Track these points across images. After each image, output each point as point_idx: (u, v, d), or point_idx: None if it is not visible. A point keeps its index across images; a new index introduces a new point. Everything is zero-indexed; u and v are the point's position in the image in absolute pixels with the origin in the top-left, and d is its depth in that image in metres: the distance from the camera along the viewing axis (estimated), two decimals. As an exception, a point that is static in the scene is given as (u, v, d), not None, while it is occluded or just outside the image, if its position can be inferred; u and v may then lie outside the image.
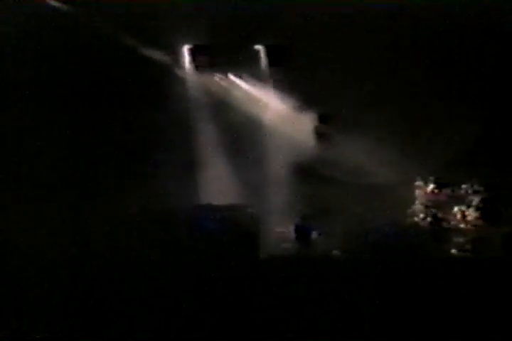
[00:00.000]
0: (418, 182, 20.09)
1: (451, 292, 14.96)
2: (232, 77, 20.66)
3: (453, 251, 18.79)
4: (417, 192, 20.03)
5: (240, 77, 20.62)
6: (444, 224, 19.61)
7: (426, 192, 19.97)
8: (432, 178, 19.99)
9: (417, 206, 19.93)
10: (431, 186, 19.95)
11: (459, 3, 18.76)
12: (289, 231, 19.69)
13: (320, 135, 20.29)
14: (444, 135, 19.49)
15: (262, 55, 20.50)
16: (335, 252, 19.05)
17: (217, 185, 19.94)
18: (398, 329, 12.90)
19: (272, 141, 20.17)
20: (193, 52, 20.72)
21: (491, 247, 18.45)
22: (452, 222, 19.59)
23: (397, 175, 19.71)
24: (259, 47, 20.50)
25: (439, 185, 19.87)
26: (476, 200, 19.48)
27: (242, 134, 19.88)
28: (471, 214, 19.45)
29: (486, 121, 19.24)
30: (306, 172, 20.04)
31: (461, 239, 19.04)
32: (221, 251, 18.02)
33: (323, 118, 20.47)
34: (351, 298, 14.55)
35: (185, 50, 20.73)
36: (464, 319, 13.15)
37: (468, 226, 19.37)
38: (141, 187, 19.28)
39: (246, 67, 20.33)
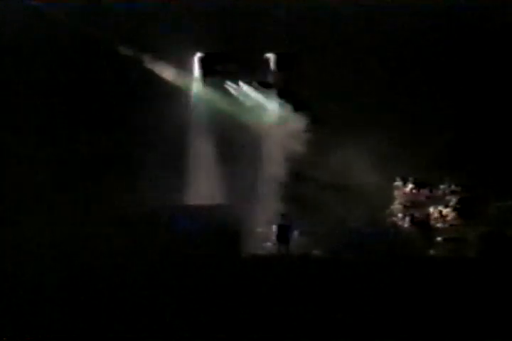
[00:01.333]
0: (397, 183, 20.24)
1: (429, 290, 14.97)
2: (242, 84, 20.72)
3: (431, 250, 19.01)
4: (396, 192, 20.19)
5: (250, 85, 20.70)
6: (422, 224, 19.74)
7: (405, 193, 20.13)
8: (410, 179, 20.13)
9: (396, 206, 20.08)
10: (409, 186, 20.10)
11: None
12: (271, 230, 19.72)
13: (307, 137, 20.38)
14: (423, 137, 19.71)
15: (272, 63, 20.54)
16: (315, 251, 19.17)
17: (201, 185, 20.03)
18: (377, 328, 12.82)
19: (260, 142, 20.34)
20: (203, 61, 20.74)
21: (468, 246, 18.65)
22: (430, 222, 19.74)
23: (376, 176, 19.76)
24: (269, 55, 20.55)
25: (418, 186, 20.00)
26: (453, 200, 19.60)
27: (235, 138, 19.95)
28: (449, 213, 19.57)
29: (462, 124, 19.47)
30: (289, 174, 20.19)
31: (438, 239, 19.23)
32: (203, 251, 18.07)
33: (312, 121, 20.64)
34: (331, 297, 14.52)
35: (196, 58, 20.78)
36: (443, 317, 13.09)
37: (446, 225, 19.51)
38: (125, 187, 19.37)
39: (256, 75, 20.46)
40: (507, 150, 19.33)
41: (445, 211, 19.63)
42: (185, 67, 20.53)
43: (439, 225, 19.62)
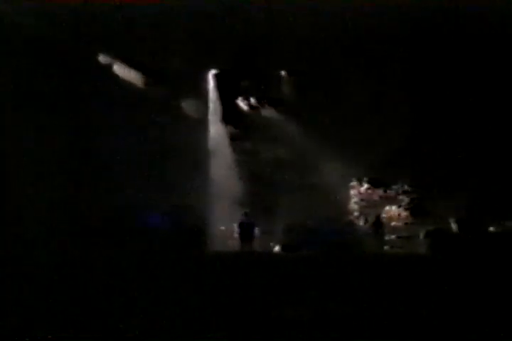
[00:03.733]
0: (353, 183, 20.87)
1: (384, 285, 15.28)
2: (254, 101, 20.74)
3: (385, 247, 19.79)
4: (352, 191, 20.80)
5: (263, 102, 20.74)
6: (377, 222, 20.40)
7: (360, 192, 20.77)
8: (365, 179, 20.77)
9: (352, 205, 20.76)
10: (364, 186, 20.76)
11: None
12: (233, 228, 20.28)
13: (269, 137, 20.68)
14: (377, 138, 20.09)
15: (285, 80, 20.47)
16: (276, 249, 19.85)
17: (165, 183, 20.11)
18: (336, 323, 13.10)
19: (226, 142, 20.65)
20: (218, 78, 20.60)
21: (419, 244, 19.36)
22: (384, 220, 20.42)
23: (334, 176, 20.35)
24: (282, 72, 20.54)
25: (372, 186, 20.70)
26: (405, 200, 20.37)
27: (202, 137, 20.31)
28: (401, 213, 20.35)
29: (416, 125, 19.95)
30: (250, 172, 20.61)
31: (392, 237, 20.00)
32: (166, 248, 18.22)
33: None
34: (291, 294, 14.72)
35: (211, 75, 20.70)
36: (397, 314, 13.45)
37: (399, 224, 20.28)
38: (91, 185, 19.60)
39: (269, 92, 20.52)
40: (458, 151, 19.73)
41: (398, 210, 20.39)
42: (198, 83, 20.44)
43: (392, 224, 20.36)
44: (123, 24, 19.52)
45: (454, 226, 19.60)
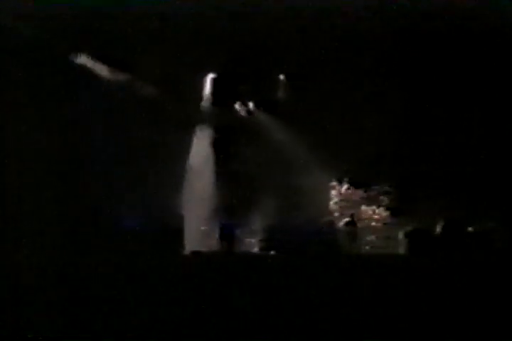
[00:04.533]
0: (333, 183, 20.58)
1: (363, 285, 15.60)
2: (252, 106, 20.43)
3: (365, 247, 19.61)
4: (333, 192, 20.54)
5: (260, 107, 20.43)
6: (357, 223, 20.22)
7: (340, 193, 20.51)
8: (346, 179, 20.49)
9: (333, 205, 20.48)
10: (345, 186, 20.50)
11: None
12: (214, 229, 19.97)
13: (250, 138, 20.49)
14: (358, 138, 19.96)
15: (283, 84, 20.16)
16: (256, 249, 19.64)
17: (144, 184, 19.91)
18: (314, 324, 13.41)
19: (207, 142, 20.38)
20: (215, 82, 20.22)
21: (398, 244, 19.23)
22: (365, 221, 20.22)
23: (315, 176, 20.15)
24: (281, 76, 20.24)
25: (353, 186, 20.43)
26: (385, 200, 20.10)
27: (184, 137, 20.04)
28: (381, 213, 20.09)
29: (396, 126, 19.82)
30: (231, 173, 20.36)
31: (372, 237, 19.79)
32: (145, 250, 18.14)
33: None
34: (271, 294, 14.91)
35: (209, 79, 20.34)
36: (375, 313, 13.73)
37: (379, 224, 20.03)
38: (70, 184, 19.31)
39: (267, 96, 20.25)
40: (438, 152, 19.69)
41: (378, 210, 20.14)
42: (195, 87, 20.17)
43: (372, 224, 20.11)
44: (117, 25, 19.48)
45: (434, 226, 19.48)
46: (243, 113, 20.38)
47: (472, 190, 19.48)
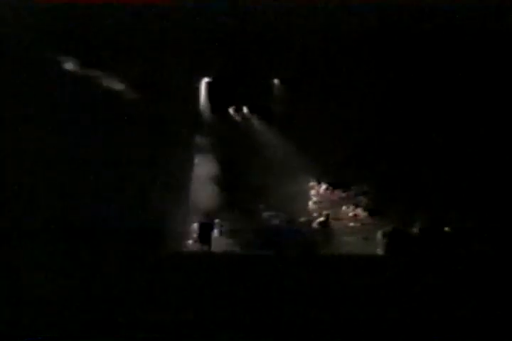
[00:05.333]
0: (312, 183, 20.59)
1: (341, 286, 15.40)
2: (246, 111, 20.33)
3: (343, 247, 19.51)
4: (311, 192, 20.56)
5: (253, 111, 20.37)
6: (336, 223, 20.25)
7: (319, 192, 20.53)
8: (325, 179, 20.51)
9: (311, 205, 20.51)
10: (323, 186, 20.51)
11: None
12: (192, 228, 20.03)
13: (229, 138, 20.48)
14: (337, 138, 19.98)
15: (277, 88, 20.10)
16: (235, 249, 19.67)
17: (122, 183, 19.94)
18: (293, 324, 13.11)
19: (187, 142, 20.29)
20: (210, 86, 20.12)
21: (376, 244, 19.32)
22: (343, 221, 20.25)
23: (294, 175, 20.18)
24: (275, 80, 20.14)
25: (332, 186, 20.46)
26: (364, 200, 20.17)
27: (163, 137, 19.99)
28: (360, 213, 20.15)
29: (373, 126, 19.95)
30: (209, 173, 20.38)
31: (351, 238, 19.78)
32: (123, 249, 18.10)
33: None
34: (249, 294, 14.81)
35: (203, 83, 20.24)
36: (351, 314, 13.48)
37: (358, 225, 20.06)
38: (47, 184, 19.39)
39: (261, 100, 20.20)
40: (416, 153, 19.77)
41: (357, 211, 20.20)
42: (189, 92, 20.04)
43: (351, 224, 20.16)
44: (109, 28, 19.43)
45: (412, 226, 19.58)
46: (237, 118, 20.41)
47: (449, 190, 19.62)
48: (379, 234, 19.55)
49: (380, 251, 19.26)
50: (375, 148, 19.89)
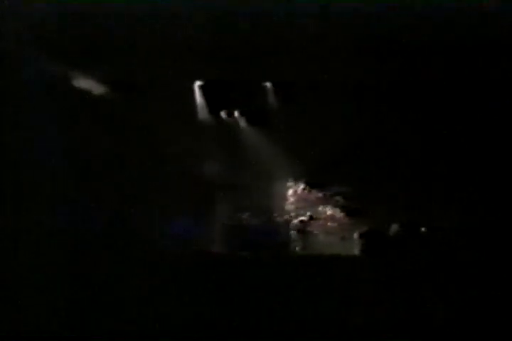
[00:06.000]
0: (290, 183, 20.32)
1: (319, 287, 15.85)
2: (237, 115, 19.92)
3: (321, 248, 19.30)
4: (289, 192, 20.29)
5: (246, 115, 19.92)
6: (313, 224, 20.00)
7: (296, 193, 20.28)
8: (303, 179, 20.20)
9: (289, 206, 20.23)
10: (301, 187, 20.25)
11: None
12: (170, 229, 19.51)
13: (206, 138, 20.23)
14: (317, 138, 19.81)
15: (270, 92, 19.60)
16: (212, 249, 19.26)
17: (102, 186, 19.69)
18: (271, 325, 13.73)
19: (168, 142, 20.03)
20: (203, 89, 19.63)
21: (353, 245, 19.14)
22: (321, 222, 19.99)
23: (271, 176, 20.03)
24: (267, 84, 19.69)
25: (309, 186, 20.17)
26: (342, 201, 19.94)
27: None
28: (337, 213, 19.91)
29: (352, 125, 19.73)
30: (184, 172, 19.92)
31: (329, 237, 19.60)
32: (97, 250, 17.98)
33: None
34: (224, 296, 15.17)
35: (196, 86, 19.73)
36: (328, 316, 14.01)
37: (336, 225, 19.83)
38: (29, 186, 19.00)
39: (254, 104, 19.76)
40: (395, 152, 19.70)
41: (334, 211, 20.01)
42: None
43: (329, 224, 19.94)
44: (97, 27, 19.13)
45: (389, 227, 19.44)
46: (229, 121, 19.97)
47: (427, 190, 19.48)
48: (356, 235, 19.46)
49: (356, 252, 19.14)
50: (352, 149, 19.77)
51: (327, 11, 18.53)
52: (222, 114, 19.73)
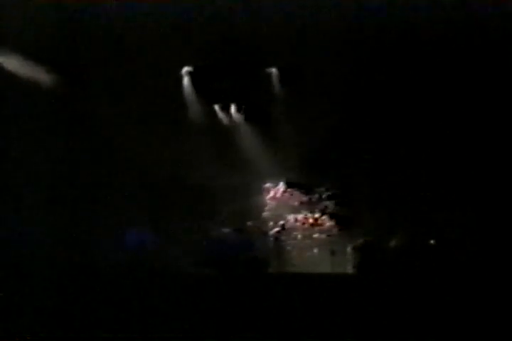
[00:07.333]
0: (268, 184, 19.26)
1: (301, 308, 13.97)
2: (233, 107, 19.28)
3: (303, 266, 18.09)
4: (267, 196, 19.26)
5: (243, 108, 19.37)
6: (295, 234, 18.85)
7: (275, 197, 19.17)
8: (282, 181, 19.19)
9: (266, 213, 19.13)
10: (281, 189, 19.15)
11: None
12: (123, 239, 18.75)
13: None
14: (297, 137, 18.90)
15: (275, 78, 19.18)
16: (180, 262, 18.22)
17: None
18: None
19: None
20: (193, 75, 19.32)
21: (347, 262, 17.98)
22: (304, 231, 18.84)
23: (247, 179, 19.05)
24: (271, 69, 19.19)
25: (291, 189, 19.15)
26: (330, 206, 18.92)
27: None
28: (325, 222, 18.84)
29: (339, 124, 18.88)
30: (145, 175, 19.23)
31: (314, 250, 18.52)
32: (48, 261, 17.56)
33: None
34: (194, 312, 13.96)
35: (184, 72, 19.33)
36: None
37: (323, 235, 18.73)
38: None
39: (255, 93, 19.35)
40: (395, 153, 18.99)
41: (321, 218, 18.88)
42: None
43: (314, 235, 18.77)
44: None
45: (390, 239, 18.23)
46: (223, 116, 19.47)
47: (427, 199, 18.94)
48: (349, 248, 18.11)
49: (349, 269, 17.82)
50: (341, 146, 18.97)
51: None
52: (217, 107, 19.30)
